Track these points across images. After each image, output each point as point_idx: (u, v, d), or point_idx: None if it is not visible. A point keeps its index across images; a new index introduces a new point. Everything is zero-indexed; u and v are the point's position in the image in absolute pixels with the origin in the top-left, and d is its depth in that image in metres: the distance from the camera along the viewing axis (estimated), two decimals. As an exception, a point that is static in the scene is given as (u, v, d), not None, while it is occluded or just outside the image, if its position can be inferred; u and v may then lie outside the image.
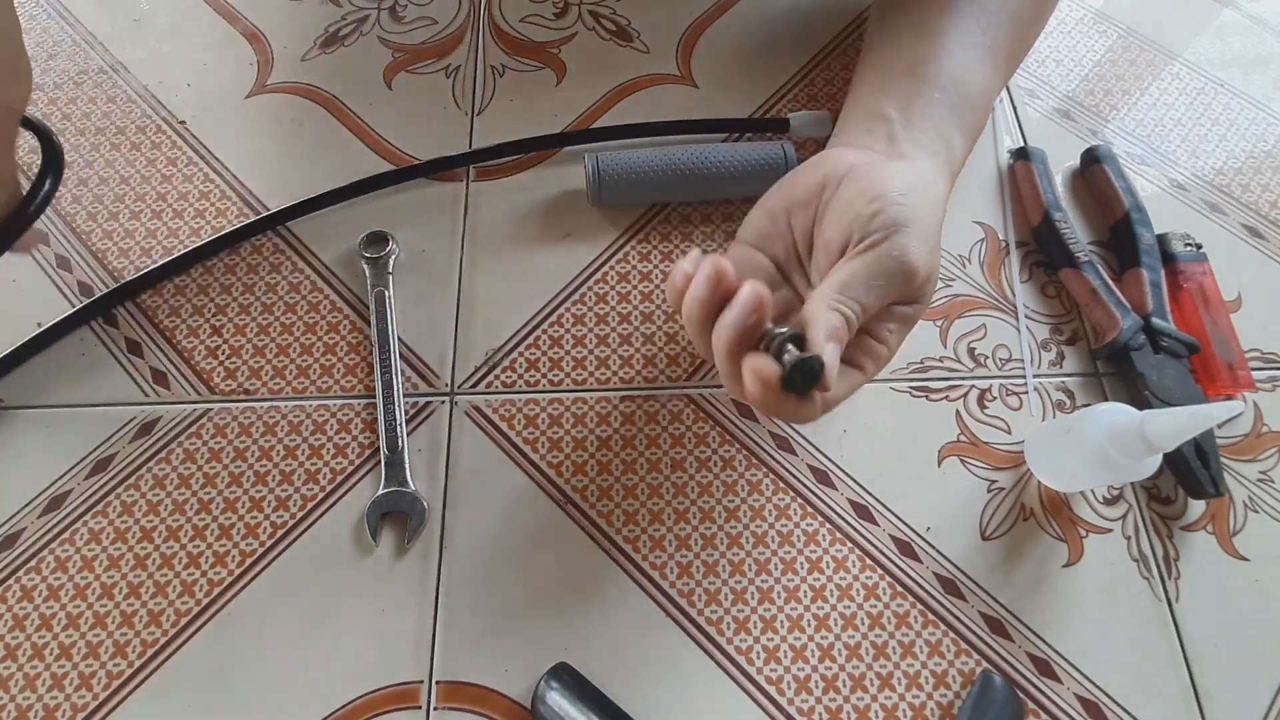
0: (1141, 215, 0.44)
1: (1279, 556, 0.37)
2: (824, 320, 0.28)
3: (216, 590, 0.36)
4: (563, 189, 0.46)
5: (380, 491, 0.37)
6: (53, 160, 0.39)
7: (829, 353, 0.27)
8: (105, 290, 0.42)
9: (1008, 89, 0.51)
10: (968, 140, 0.37)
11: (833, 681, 0.35)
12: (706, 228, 0.45)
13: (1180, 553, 0.37)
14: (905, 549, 0.37)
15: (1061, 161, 0.47)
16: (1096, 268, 0.42)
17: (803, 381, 0.26)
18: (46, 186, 0.38)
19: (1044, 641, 0.36)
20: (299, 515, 0.38)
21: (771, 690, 0.35)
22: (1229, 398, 0.41)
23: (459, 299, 0.43)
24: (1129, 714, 0.34)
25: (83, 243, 0.44)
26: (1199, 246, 0.43)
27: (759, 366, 0.26)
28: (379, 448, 0.39)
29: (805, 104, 0.49)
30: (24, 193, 0.37)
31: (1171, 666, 0.35)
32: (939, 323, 0.43)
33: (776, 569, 0.37)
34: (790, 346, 0.27)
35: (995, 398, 0.41)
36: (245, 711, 0.34)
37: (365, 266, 0.43)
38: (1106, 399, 0.41)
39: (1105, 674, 0.35)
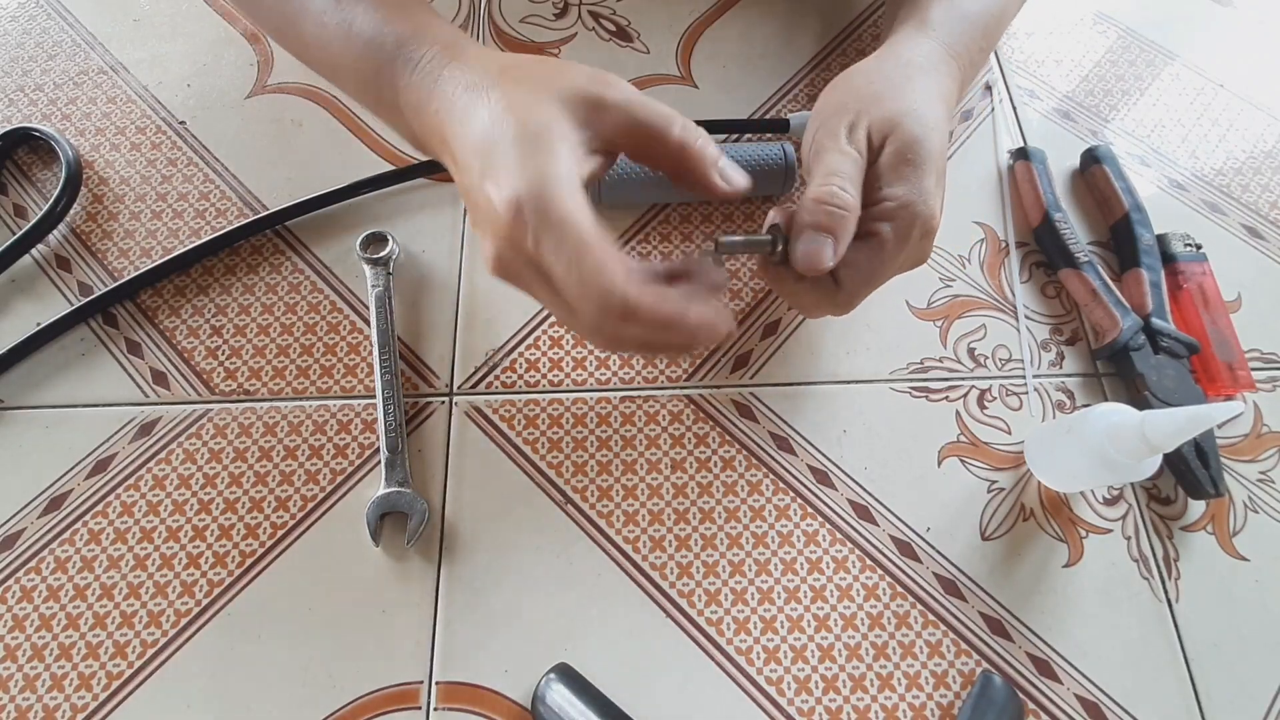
0: (1141, 215, 0.44)
1: (1279, 556, 0.37)
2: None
3: (216, 591, 0.36)
4: (563, 189, 0.46)
5: (380, 492, 0.37)
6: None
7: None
8: (104, 290, 0.42)
9: (1007, 89, 0.51)
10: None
11: (833, 682, 0.35)
12: (707, 228, 0.45)
13: (1180, 553, 0.37)
14: (905, 549, 0.37)
15: (1061, 162, 0.47)
16: (1096, 268, 0.42)
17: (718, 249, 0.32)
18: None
19: (1044, 642, 0.36)
20: (299, 516, 0.38)
21: (771, 691, 0.35)
22: (1229, 398, 0.41)
23: (459, 299, 0.43)
24: (1129, 714, 0.34)
25: (82, 243, 0.44)
26: (1199, 247, 0.43)
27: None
28: (379, 448, 0.39)
29: (805, 104, 0.49)
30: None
31: (1171, 666, 0.35)
32: (939, 323, 0.43)
33: (776, 569, 0.37)
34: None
35: (995, 398, 0.41)
36: (245, 712, 0.34)
37: (365, 266, 0.43)
38: (1106, 399, 0.41)
39: (1105, 674, 0.35)
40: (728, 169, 0.31)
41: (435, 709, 0.34)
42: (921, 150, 0.33)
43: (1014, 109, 0.50)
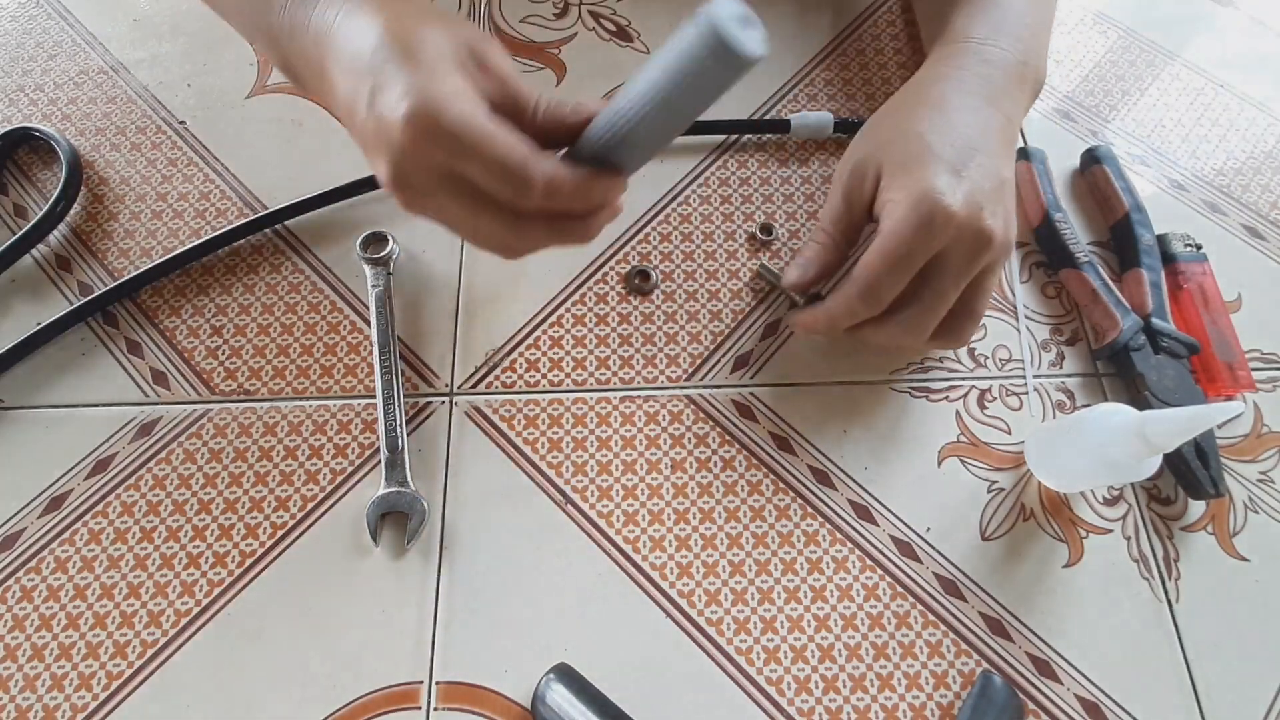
0: (1141, 215, 0.44)
1: (1279, 557, 0.37)
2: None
3: (216, 591, 0.36)
4: (563, 189, 0.46)
5: (380, 491, 0.37)
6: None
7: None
8: (104, 289, 0.42)
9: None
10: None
11: (833, 682, 0.35)
12: (706, 227, 0.45)
13: (1180, 553, 0.37)
14: (905, 549, 0.37)
15: (1062, 162, 0.47)
16: (1096, 268, 0.42)
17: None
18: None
19: (1044, 642, 0.36)
20: (299, 515, 0.38)
21: (771, 691, 0.35)
22: (1229, 398, 0.41)
23: (459, 299, 0.43)
24: (1129, 714, 0.34)
25: (82, 242, 0.44)
26: (1199, 247, 0.43)
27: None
28: (379, 448, 0.39)
29: (805, 104, 0.49)
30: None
31: (1171, 666, 0.35)
32: (939, 323, 0.43)
33: (776, 569, 0.37)
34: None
35: (995, 398, 0.41)
36: (245, 712, 0.34)
37: (365, 266, 0.43)
38: (1106, 399, 0.41)
39: (1105, 674, 0.35)
40: (578, 106, 0.30)
41: (435, 709, 0.34)
42: (911, 155, 0.34)
43: (1014, 109, 0.50)
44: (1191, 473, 0.37)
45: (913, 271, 0.34)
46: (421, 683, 0.34)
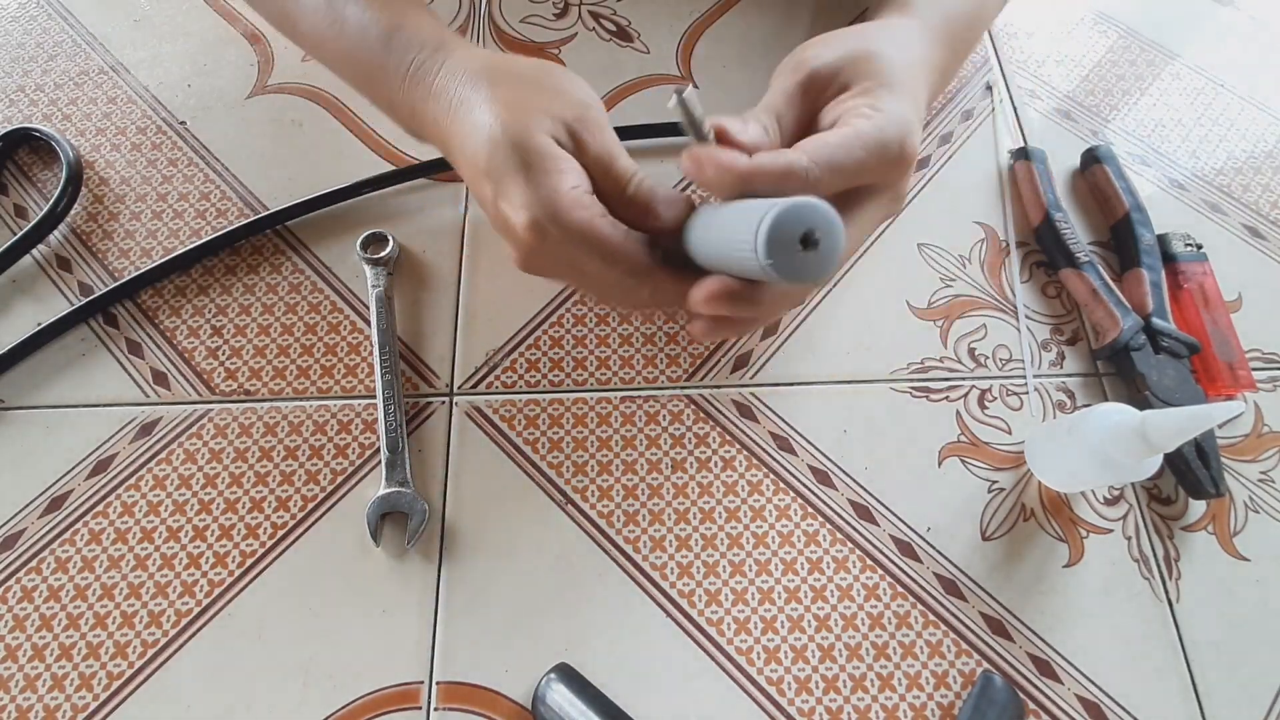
0: (1142, 215, 0.44)
1: (1279, 556, 0.37)
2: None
3: (217, 591, 0.36)
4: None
5: (381, 492, 0.37)
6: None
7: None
8: (104, 290, 0.42)
9: (1008, 89, 0.51)
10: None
11: (833, 682, 0.35)
12: (707, 228, 0.45)
13: (1181, 553, 0.37)
14: (905, 549, 0.37)
15: (1062, 161, 0.47)
16: (1097, 268, 0.42)
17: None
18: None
19: (1044, 642, 0.36)
20: (299, 516, 0.38)
21: (772, 691, 0.35)
22: (1229, 398, 0.41)
23: (459, 299, 0.43)
24: (1129, 714, 0.34)
25: (82, 243, 0.44)
26: (1199, 246, 0.43)
27: None
28: (379, 448, 0.39)
29: (805, 104, 0.49)
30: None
31: (1171, 666, 0.35)
32: (939, 323, 0.43)
33: (777, 569, 0.37)
34: None
35: (995, 398, 0.41)
36: (245, 712, 0.34)
37: (365, 266, 0.43)
38: (1107, 399, 0.41)
39: (1105, 674, 0.35)
40: (662, 208, 0.32)
41: (435, 709, 0.34)
42: (898, 82, 0.33)
43: (1014, 109, 0.50)
44: (1192, 472, 0.37)
45: (849, 178, 0.30)
46: (421, 683, 0.34)
